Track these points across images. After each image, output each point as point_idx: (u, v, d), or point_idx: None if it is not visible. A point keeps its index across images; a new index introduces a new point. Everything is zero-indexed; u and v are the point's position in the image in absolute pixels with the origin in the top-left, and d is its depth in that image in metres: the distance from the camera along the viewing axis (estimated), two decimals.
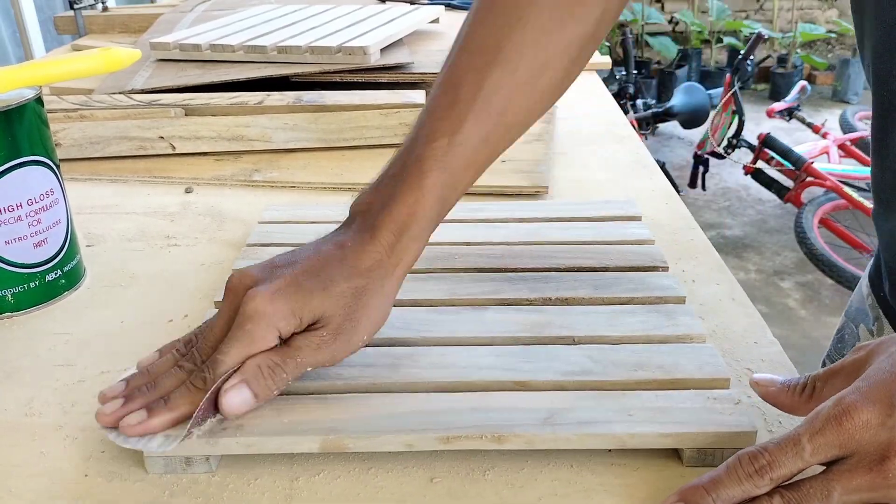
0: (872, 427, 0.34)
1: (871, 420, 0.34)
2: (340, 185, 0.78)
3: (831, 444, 0.34)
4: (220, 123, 0.85)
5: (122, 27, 1.47)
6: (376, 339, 0.47)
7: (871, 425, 0.34)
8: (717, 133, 2.99)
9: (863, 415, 0.34)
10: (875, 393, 0.34)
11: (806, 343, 2.35)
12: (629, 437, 0.39)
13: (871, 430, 0.34)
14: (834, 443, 0.34)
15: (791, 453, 0.35)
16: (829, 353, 0.68)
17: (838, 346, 0.67)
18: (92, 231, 0.69)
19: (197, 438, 0.39)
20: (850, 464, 0.34)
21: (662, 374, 0.44)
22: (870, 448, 0.34)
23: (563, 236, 0.61)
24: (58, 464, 0.42)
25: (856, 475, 0.34)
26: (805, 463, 0.35)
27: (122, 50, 0.59)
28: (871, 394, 0.34)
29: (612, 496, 0.39)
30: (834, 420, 0.34)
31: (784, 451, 0.35)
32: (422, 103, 0.86)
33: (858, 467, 0.34)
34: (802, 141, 3.27)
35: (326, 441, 0.40)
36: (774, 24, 4.89)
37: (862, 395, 0.34)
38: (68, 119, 0.84)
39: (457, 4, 1.40)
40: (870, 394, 0.34)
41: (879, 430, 0.34)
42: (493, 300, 0.52)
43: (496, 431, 0.39)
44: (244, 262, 0.57)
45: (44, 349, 0.52)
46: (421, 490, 0.39)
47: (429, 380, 0.44)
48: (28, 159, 0.54)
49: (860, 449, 0.34)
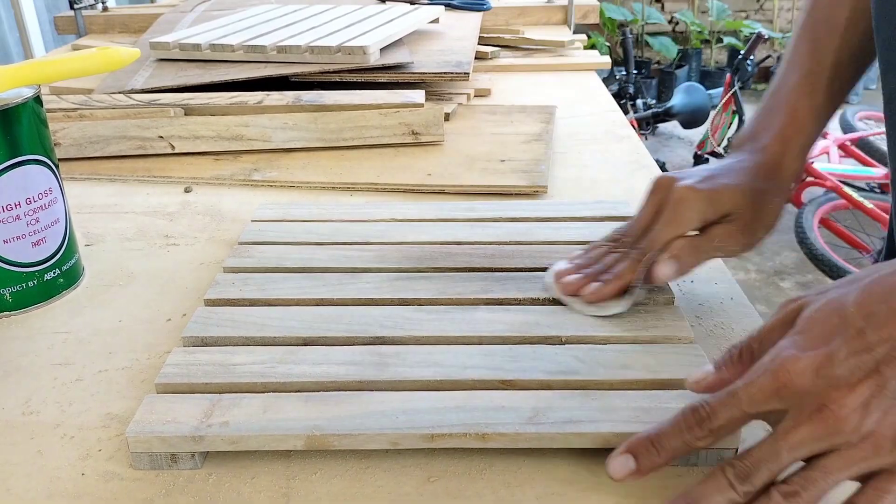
0: (807, 375, 0.34)
1: (806, 368, 0.34)
2: (340, 184, 0.78)
3: (767, 393, 0.34)
4: (220, 123, 0.85)
5: (122, 27, 1.48)
6: (363, 337, 0.48)
7: (806, 374, 0.34)
8: (718, 133, 3.00)
9: (798, 363, 0.34)
10: (808, 342, 0.35)
11: None
12: (613, 436, 0.40)
13: (806, 378, 0.34)
14: (769, 391, 0.34)
15: (728, 404, 0.36)
16: None
17: None
18: (91, 230, 0.69)
19: (192, 436, 0.40)
20: (791, 418, 0.34)
21: (648, 374, 0.44)
22: (807, 398, 0.34)
23: (554, 236, 0.61)
24: (55, 462, 0.42)
25: (798, 429, 0.34)
26: (741, 412, 0.35)
27: (121, 49, 0.59)
28: (804, 343, 0.35)
29: (608, 495, 0.39)
30: (769, 370, 0.35)
31: (722, 402, 0.36)
32: (422, 103, 0.87)
33: (799, 420, 0.34)
34: None
35: (312, 438, 0.40)
36: (774, 24, 4.89)
37: (795, 345, 0.35)
38: (68, 118, 0.84)
39: (457, 4, 1.40)
40: (803, 343, 0.35)
41: (815, 378, 0.33)
42: (482, 300, 0.52)
43: (481, 430, 0.40)
44: (236, 260, 0.57)
45: (42, 348, 0.52)
46: (418, 489, 0.39)
47: (415, 378, 0.44)
48: (27, 158, 0.54)
49: (797, 399, 0.34)
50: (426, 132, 0.86)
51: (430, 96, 0.98)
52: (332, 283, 0.54)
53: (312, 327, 0.49)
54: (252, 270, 0.56)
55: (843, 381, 0.33)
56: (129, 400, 0.46)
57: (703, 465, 0.40)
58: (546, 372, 0.44)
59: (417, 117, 0.86)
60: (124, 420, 0.44)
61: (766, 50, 4.82)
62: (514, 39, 1.34)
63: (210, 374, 0.44)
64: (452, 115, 0.96)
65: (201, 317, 0.50)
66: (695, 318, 0.53)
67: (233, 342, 0.48)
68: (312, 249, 0.59)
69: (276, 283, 0.54)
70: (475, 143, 0.87)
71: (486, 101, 1.06)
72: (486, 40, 1.34)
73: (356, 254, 0.58)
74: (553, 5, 1.54)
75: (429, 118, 0.86)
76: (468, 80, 1.02)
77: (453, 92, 1.04)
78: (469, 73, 1.01)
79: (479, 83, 1.10)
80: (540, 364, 0.45)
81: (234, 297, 0.52)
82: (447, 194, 0.75)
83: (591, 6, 1.59)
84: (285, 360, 0.45)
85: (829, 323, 0.35)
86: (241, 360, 0.45)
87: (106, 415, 0.45)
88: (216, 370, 0.45)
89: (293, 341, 0.48)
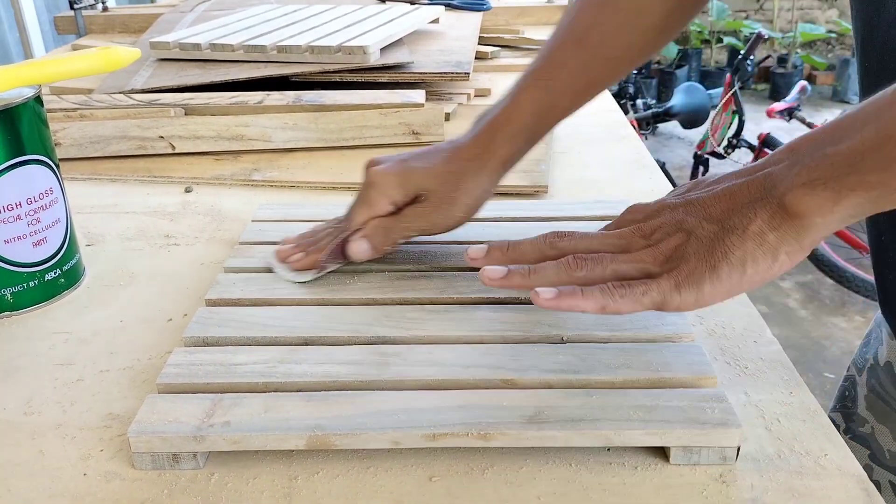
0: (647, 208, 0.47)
1: (650, 204, 0.47)
2: (340, 184, 0.78)
3: (617, 221, 0.48)
4: (220, 123, 0.85)
5: (122, 27, 1.48)
6: (364, 337, 0.48)
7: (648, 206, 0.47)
8: (717, 133, 3.00)
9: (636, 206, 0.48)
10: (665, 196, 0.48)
11: (806, 343, 2.35)
12: (615, 434, 0.40)
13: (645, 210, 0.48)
14: (619, 220, 0.48)
15: (583, 234, 0.47)
16: (855, 359, 0.68)
17: (863, 350, 0.67)
18: (91, 230, 0.69)
19: (193, 435, 0.40)
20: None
21: (650, 372, 0.44)
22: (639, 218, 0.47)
23: None
24: (57, 463, 0.42)
25: (614, 232, 0.46)
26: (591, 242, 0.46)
27: (122, 49, 0.59)
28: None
29: (610, 494, 0.39)
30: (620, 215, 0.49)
31: (582, 234, 0.47)
32: (422, 103, 0.87)
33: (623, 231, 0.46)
34: None
35: (313, 438, 0.40)
36: (774, 24, 4.89)
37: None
38: (68, 118, 0.84)
39: (457, 4, 1.40)
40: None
41: (650, 206, 0.47)
42: (483, 299, 0.52)
43: (482, 429, 0.40)
44: (236, 260, 0.57)
45: (43, 348, 0.52)
46: (420, 489, 0.39)
47: (416, 378, 0.44)
48: (27, 158, 0.54)
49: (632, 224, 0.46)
50: (426, 132, 0.86)
51: (430, 96, 0.98)
52: (333, 283, 0.54)
53: (313, 327, 0.49)
54: (253, 270, 0.56)
55: (653, 215, 0.46)
56: (130, 400, 0.46)
57: (706, 464, 0.40)
58: (547, 371, 0.44)
59: (418, 117, 0.86)
60: (126, 420, 0.44)
61: (766, 50, 4.82)
62: (514, 39, 1.34)
63: (211, 374, 0.44)
64: (453, 115, 0.96)
65: (202, 317, 0.50)
66: (696, 317, 0.53)
67: (234, 342, 0.48)
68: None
69: (276, 282, 0.54)
70: None
71: (487, 101, 1.06)
72: (486, 40, 1.34)
73: None
74: (553, 5, 1.54)
75: (429, 118, 0.86)
76: (468, 80, 1.02)
77: (453, 92, 1.04)
78: (469, 73, 1.01)
79: (479, 83, 1.10)
80: (541, 363, 0.45)
81: (235, 297, 0.53)
82: None
83: None
84: (286, 359, 0.45)
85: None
86: (242, 359, 0.45)
87: (107, 415, 0.45)
88: (217, 370, 0.45)
89: (294, 341, 0.48)
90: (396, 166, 0.54)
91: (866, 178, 0.37)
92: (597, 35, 0.54)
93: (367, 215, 0.54)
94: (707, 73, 4.63)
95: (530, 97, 0.54)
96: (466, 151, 0.54)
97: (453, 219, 0.54)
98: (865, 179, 0.37)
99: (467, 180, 0.53)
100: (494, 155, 0.54)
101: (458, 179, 0.53)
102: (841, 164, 0.38)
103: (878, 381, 0.63)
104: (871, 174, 0.37)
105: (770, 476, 0.40)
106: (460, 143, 0.55)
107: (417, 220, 0.53)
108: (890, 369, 0.61)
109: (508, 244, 0.48)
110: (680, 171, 3.61)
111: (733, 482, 0.39)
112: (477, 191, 0.54)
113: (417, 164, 0.54)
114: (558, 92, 0.55)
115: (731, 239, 0.40)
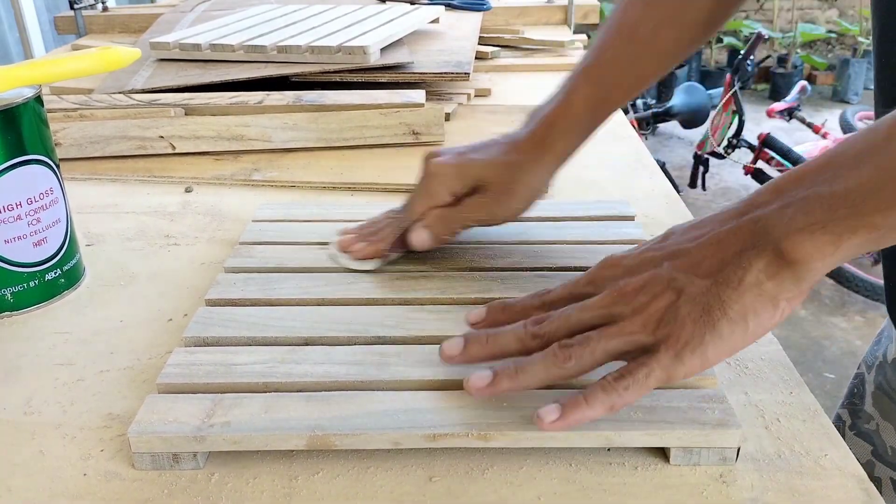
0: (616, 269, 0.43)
1: (626, 256, 0.43)
2: (340, 184, 0.78)
3: (591, 276, 0.44)
4: (220, 123, 0.85)
5: (122, 27, 1.48)
6: (364, 337, 0.48)
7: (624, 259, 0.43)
8: (718, 133, 3.00)
9: (623, 253, 0.44)
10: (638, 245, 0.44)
11: (806, 343, 2.35)
12: (615, 435, 0.40)
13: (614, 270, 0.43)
14: (594, 275, 0.44)
15: (563, 285, 0.45)
16: (865, 357, 0.68)
17: (874, 348, 0.67)
18: (92, 230, 0.69)
19: (193, 435, 0.40)
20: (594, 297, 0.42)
21: None
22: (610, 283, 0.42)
23: (554, 235, 0.61)
24: (57, 463, 0.42)
25: (593, 301, 0.42)
26: (569, 292, 0.44)
27: (122, 49, 0.59)
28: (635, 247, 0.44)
29: (610, 495, 0.39)
30: (593, 269, 0.44)
31: (563, 284, 0.45)
32: (422, 103, 0.87)
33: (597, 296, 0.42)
34: (803, 141, 3.27)
35: (313, 438, 0.40)
36: (774, 24, 4.89)
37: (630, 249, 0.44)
38: (68, 118, 0.84)
39: (457, 4, 1.40)
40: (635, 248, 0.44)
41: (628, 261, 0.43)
42: (484, 299, 0.52)
43: (482, 430, 0.40)
44: (236, 260, 0.57)
45: (43, 348, 0.52)
46: (420, 489, 0.39)
47: (416, 378, 0.44)
48: (27, 158, 0.54)
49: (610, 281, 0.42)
50: (427, 132, 0.86)
51: (430, 96, 0.98)
52: (333, 283, 0.54)
53: (314, 327, 0.49)
54: (253, 270, 0.56)
55: (634, 270, 0.42)
56: (130, 400, 0.46)
57: (706, 465, 0.40)
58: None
59: (418, 117, 0.86)
60: (126, 420, 0.44)
61: (766, 50, 4.82)
62: (514, 39, 1.34)
63: (211, 374, 0.44)
64: (453, 115, 0.96)
65: (202, 317, 0.50)
66: None
67: (234, 342, 0.48)
68: (313, 249, 0.59)
69: (276, 282, 0.54)
70: None
71: (487, 101, 1.06)
72: (486, 40, 1.34)
73: None
74: (553, 5, 1.54)
75: (429, 118, 0.86)
76: (468, 80, 1.02)
77: (453, 92, 1.04)
78: (469, 73, 1.01)
79: (479, 83, 1.10)
80: None
81: (236, 297, 0.53)
82: None
83: (591, 6, 1.59)
84: (287, 359, 0.45)
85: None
86: (242, 359, 0.45)
87: (107, 415, 0.45)
88: (218, 370, 0.45)
89: (294, 341, 0.48)
90: (455, 158, 0.55)
91: (867, 220, 0.36)
92: (645, 30, 0.55)
93: (427, 205, 0.55)
94: (707, 73, 4.63)
95: (583, 93, 0.55)
96: (523, 145, 0.55)
97: (511, 210, 0.55)
98: (867, 221, 0.36)
99: (525, 172, 0.54)
100: (550, 149, 0.55)
101: (516, 171, 0.54)
102: (839, 206, 0.36)
103: (885, 378, 0.63)
104: (873, 216, 0.36)
105: (770, 476, 0.40)
106: (517, 137, 0.56)
107: (476, 211, 0.54)
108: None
109: (487, 336, 0.43)
110: (680, 171, 3.61)
111: (733, 482, 0.39)
112: (534, 183, 0.55)
113: (476, 156, 0.55)
114: (610, 86, 0.56)
115: (726, 293, 0.38)
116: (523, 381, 0.40)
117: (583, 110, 0.55)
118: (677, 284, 0.39)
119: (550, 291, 0.45)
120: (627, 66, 0.56)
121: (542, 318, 0.42)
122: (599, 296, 0.41)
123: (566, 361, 0.39)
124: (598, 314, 0.41)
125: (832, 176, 0.37)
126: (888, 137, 0.36)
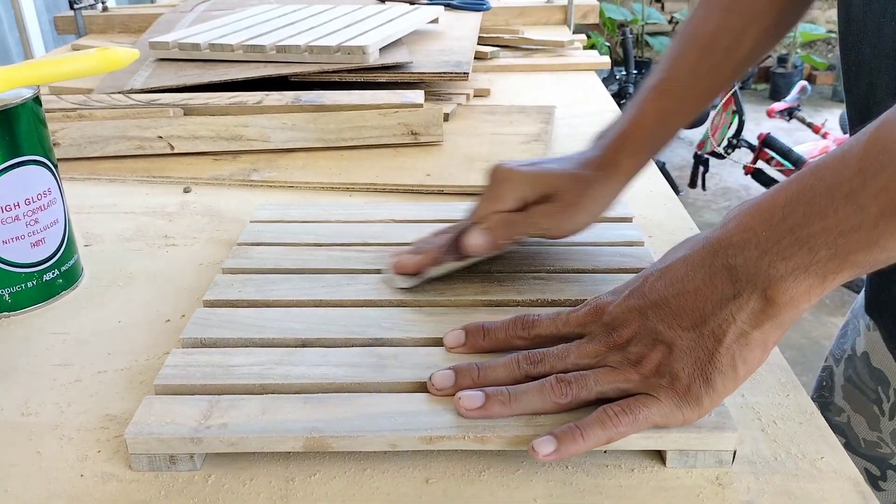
0: (608, 313, 0.42)
1: (611, 303, 0.43)
2: (339, 184, 0.78)
3: (580, 319, 0.44)
4: (219, 123, 0.85)
5: (122, 27, 1.48)
6: (362, 339, 0.48)
7: (610, 307, 0.43)
8: (717, 133, 3.00)
9: (607, 298, 0.43)
10: (620, 289, 0.44)
11: (806, 343, 2.35)
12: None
13: (606, 315, 0.43)
14: (582, 319, 0.43)
15: (551, 322, 0.44)
16: (832, 350, 0.68)
17: (840, 341, 0.67)
18: (90, 230, 0.69)
19: (190, 437, 0.40)
20: (587, 338, 0.43)
21: None
22: (601, 327, 0.42)
23: None
24: (54, 463, 0.42)
25: (587, 345, 0.42)
26: (558, 330, 0.44)
27: (121, 49, 0.59)
28: (617, 290, 0.44)
29: (606, 497, 0.39)
30: (589, 305, 0.44)
31: (549, 319, 0.45)
32: (421, 103, 0.87)
33: (591, 340, 0.42)
34: (802, 141, 3.27)
35: (310, 440, 0.40)
36: None
37: (611, 292, 0.44)
38: (67, 119, 0.84)
39: (456, 4, 1.40)
40: (616, 290, 0.44)
41: (614, 309, 0.42)
42: (482, 301, 0.52)
43: (479, 432, 0.40)
44: (234, 261, 0.57)
45: (41, 349, 0.52)
46: (416, 491, 0.39)
47: (414, 380, 0.44)
48: (26, 159, 0.54)
49: (598, 327, 0.43)
50: (425, 132, 0.86)
51: (429, 96, 0.98)
52: (331, 285, 0.54)
53: (311, 329, 0.49)
54: (251, 271, 0.56)
55: (620, 319, 0.42)
56: (127, 401, 0.46)
57: (702, 467, 0.40)
58: None
59: (417, 117, 0.86)
60: (123, 421, 0.44)
61: None
62: (513, 39, 1.34)
63: (209, 376, 0.44)
64: (452, 115, 0.96)
65: (200, 318, 0.50)
66: None
67: (231, 343, 0.48)
68: (311, 250, 0.59)
69: (274, 284, 0.54)
70: (474, 144, 0.87)
71: (486, 101, 1.06)
72: (485, 40, 1.34)
73: (355, 255, 0.58)
74: (553, 5, 1.54)
75: (428, 118, 0.86)
76: (467, 80, 1.02)
77: (452, 92, 1.04)
78: (468, 74, 1.01)
79: (478, 83, 1.10)
80: None
81: (233, 298, 0.53)
82: (446, 195, 0.75)
83: (591, 6, 1.59)
84: (284, 361, 0.45)
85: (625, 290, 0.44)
86: (239, 361, 0.45)
87: (105, 416, 0.45)
88: (215, 371, 0.45)
89: (292, 343, 0.48)
90: (529, 167, 0.54)
91: (850, 259, 0.36)
92: (726, 38, 0.55)
93: (492, 209, 0.53)
94: None
95: (657, 105, 0.55)
96: (595, 161, 0.55)
97: (576, 223, 0.54)
98: (849, 260, 0.36)
99: (595, 187, 0.54)
100: (619, 167, 0.55)
101: (587, 185, 0.54)
102: (819, 247, 0.36)
103: (854, 371, 0.64)
104: (855, 255, 0.35)
105: (766, 479, 0.40)
106: (589, 154, 0.56)
107: (542, 220, 0.53)
108: (867, 360, 0.62)
109: (479, 370, 0.43)
110: (680, 171, 3.61)
111: (729, 485, 0.39)
112: (602, 199, 0.55)
113: (549, 166, 0.55)
114: (684, 97, 0.56)
115: (715, 347, 0.38)
116: (516, 410, 0.41)
117: (655, 125, 0.55)
118: (664, 338, 0.40)
119: (535, 325, 0.45)
120: (705, 75, 0.56)
121: (536, 357, 0.43)
122: (592, 345, 0.42)
123: (561, 397, 0.40)
124: (593, 362, 0.42)
125: (805, 214, 0.36)
126: (859, 171, 0.35)
